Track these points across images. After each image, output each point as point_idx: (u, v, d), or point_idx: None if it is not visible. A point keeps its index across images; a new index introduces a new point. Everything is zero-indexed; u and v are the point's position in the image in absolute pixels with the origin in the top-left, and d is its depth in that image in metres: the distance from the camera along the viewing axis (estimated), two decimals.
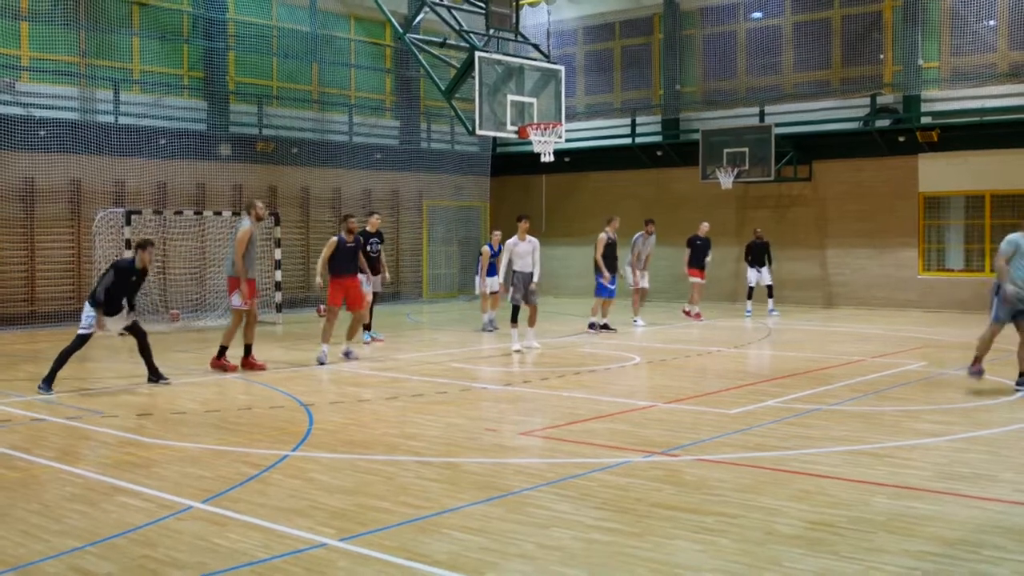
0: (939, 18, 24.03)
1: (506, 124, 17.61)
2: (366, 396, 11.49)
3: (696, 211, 26.17)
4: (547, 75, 18.73)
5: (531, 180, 29.56)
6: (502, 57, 18.13)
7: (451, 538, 6.04)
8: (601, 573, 5.44)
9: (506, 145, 28.88)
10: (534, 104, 18.15)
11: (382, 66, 28.73)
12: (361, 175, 26.42)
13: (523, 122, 17.82)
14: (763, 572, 5.43)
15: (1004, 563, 5.56)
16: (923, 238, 23.85)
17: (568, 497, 6.98)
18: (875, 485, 7.29)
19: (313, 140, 25.70)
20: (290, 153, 24.86)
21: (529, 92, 18.23)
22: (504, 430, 9.41)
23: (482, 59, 17.16)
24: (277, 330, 19.97)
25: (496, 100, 17.66)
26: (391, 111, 28.81)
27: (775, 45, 26.66)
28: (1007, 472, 7.73)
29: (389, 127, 28.50)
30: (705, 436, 9.10)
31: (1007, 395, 11.30)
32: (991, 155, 22.91)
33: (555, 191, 29.59)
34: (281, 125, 25.37)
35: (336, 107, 27.11)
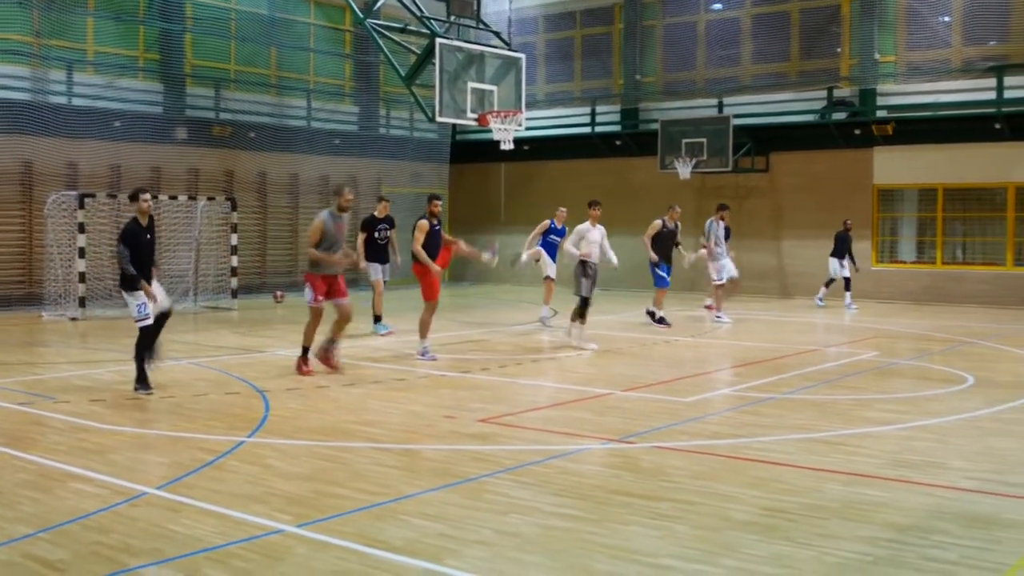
0: (895, 13, 24.27)
1: (466, 111, 17.61)
2: (324, 383, 11.45)
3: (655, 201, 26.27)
4: (508, 63, 18.74)
5: (490, 168, 29.53)
6: (463, 44, 18.11)
7: (409, 524, 6.05)
8: (558, 559, 5.47)
9: (466, 132, 28.85)
10: (494, 92, 18.16)
11: (341, 51, 28.55)
12: (319, 161, 26.26)
13: (483, 110, 17.83)
14: (718, 558, 5.48)
15: (953, 548, 5.66)
16: (876, 230, 24.12)
17: (526, 484, 7.01)
18: (828, 472, 7.38)
19: (271, 125, 25.49)
20: (247, 138, 24.65)
21: (489, 80, 18.23)
22: (462, 417, 9.42)
23: (442, 46, 17.14)
24: (233, 316, 19.83)
25: (456, 87, 17.65)
26: (350, 97, 28.66)
27: (734, 37, 26.80)
28: (956, 460, 7.86)
29: (348, 113, 28.35)
30: (661, 424, 9.17)
31: (956, 384, 11.48)
32: (944, 149, 23.21)
33: (514, 179, 29.59)
34: (238, 109, 25.14)
35: (294, 92, 26.91)
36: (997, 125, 22.33)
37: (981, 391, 11.08)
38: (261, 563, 5.37)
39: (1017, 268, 22.58)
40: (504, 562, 5.42)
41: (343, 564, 5.38)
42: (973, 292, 22.63)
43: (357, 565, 5.37)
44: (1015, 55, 23.12)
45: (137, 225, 10.74)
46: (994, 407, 10.10)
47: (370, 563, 5.40)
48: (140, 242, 10.70)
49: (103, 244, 20.42)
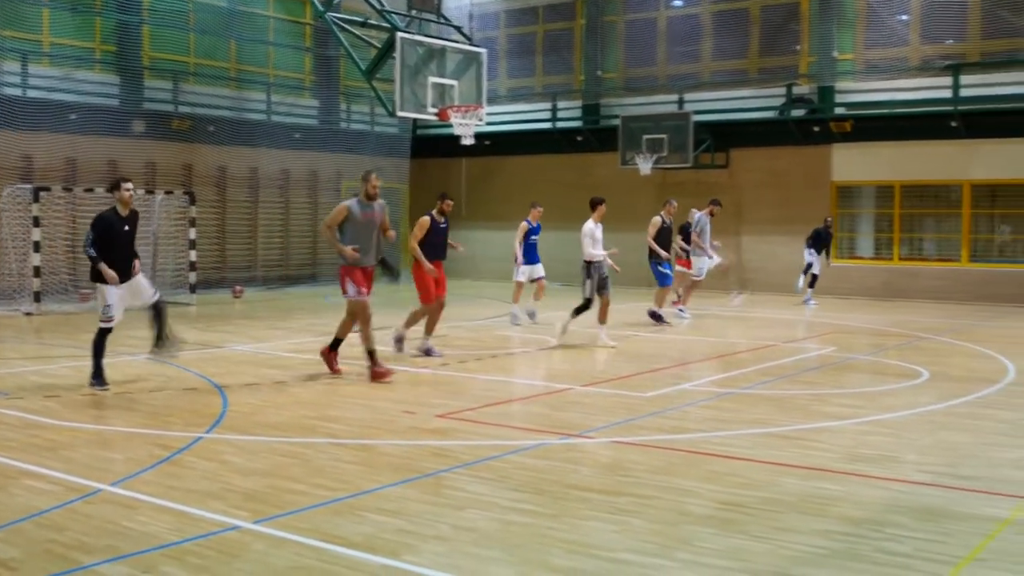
0: (854, 11, 24.48)
1: (427, 106, 17.57)
2: (282, 378, 11.39)
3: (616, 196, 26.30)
4: (469, 58, 18.72)
5: (451, 163, 29.49)
6: (423, 38, 18.07)
7: (367, 520, 6.03)
8: (516, 554, 5.48)
9: (426, 127, 28.79)
10: (455, 86, 18.13)
11: (301, 44, 28.39)
12: (279, 154, 26.10)
13: (444, 104, 17.79)
14: (675, 552, 5.51)
15: (907, 541, 5.73)
16: (835, 227, 24.31)
17: (484, 479, 7.01)
18: (785, 466, 7.44)
19: (230, 118, 25.28)
20: (206, 131, 24.41)
21: (450, 74, 18.19)
22: (422, 412, 9.41)
23: (403, 40, 17.09)
24: (191, 311, 19.68)
25: (417, 82, 17.61)
26: (310, 90, 28.50)
27: (695, 33, 26.92)
28: (910, 454, 7.95)
29: (308, 107, 28.18)
30: (620, 419, 9.20)
31: (911, 379, 11.61)
32: (901, 146, 23.45)
33: (475, 174, 29.57)
34: (197, 102, 24.92)
35: (254, 85, 26.73)
36: (953, 123, 22.58)
37: (935, 386, 11.21)
38: (217, 560, 5.34)
39: (972, 264, 22.87)
40: (462, 557, 5.42)
41: (300, 560, 5.36)
42: (929, 288, 22.88)
43: (315, 561, 5.35)
44: (971, 54, 23.42)
45: (114, 215, 10.44)
46: (948, 401, 10.23)
47: (328, 559, 5.38)
48: (114, 232, 10.36)
49: (58, 238, 20.22)
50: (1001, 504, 6.53)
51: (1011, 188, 22.76)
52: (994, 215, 23.22)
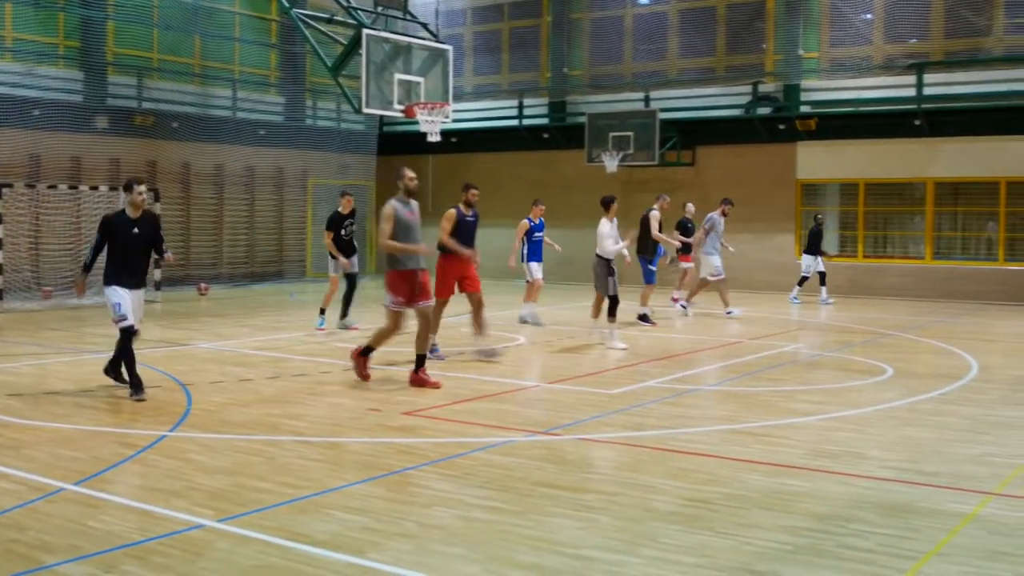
0: (819, 10, 24.65)
1: (393, 103, 17.53)
2: (248, 376, 11.32)
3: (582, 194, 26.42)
4: (435, 54, 18.69)
5: (418, 160, 29.36)
6: (390, 35, 18.02)
7: (332, 518, 6.01)
8: (481, 551, 5.47)
9: (393, 124, 28.73)
10: (421, 83, 18.10)
11: (267, 41, 28.23)
12: (244, 151, 25.95)
13: (410, 101, 17.75)
14: (640, 548, 5.53)
15: (871, 536, 5.77)
16: (800, 224, 24.47)
17: (450, 476, 7.00)
18: (751, 463, 7.48)
19: (195, 115, 25.10)
20: (171, 127, 24.24)
21: (417, 71, 18.16)
22: (388, 410, 9.38)
23: (369, 36, 17.04)
24: (156, 309, 19.51)
25: (383, 78, 17.57)
26: (276, 87, 28.34)
27: (661, 31, 27.00)
28: (874, 450, 8.01)
29: (274, 103, 28.04)
30: (587, 416, 9.21)
31: (876, 376, 11.70)
32: (865, 144, 23.64)
33: (442, 171, 29.49)
34: (162, 99, 24.73)
35: (219, 81, 26.55)
36: (917, 121, 22.78)
37: (900, 382, 11.30)
38: (181, 559, 5.30)
39: (936, 262, 23.08)
40: (427, 555, 5.41)
41: (265, 558, 5.33)
42: (894, 285, 23.08)
43: (279, 559, 5.32)
44: (934, 53, 23.64)
45: (122, 216, 9.79)
46: (912, 398, 10.31)
47: (293, 557, 5.35)
48: (120, 233, 9.66)
49: (21, 236, 20.01)
50: (964, 500, 6.59)
51: (973, 186, 23.00)
52: (957, 213, 23.44)
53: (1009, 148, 22.18)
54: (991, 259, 22.76)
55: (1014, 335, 16.45)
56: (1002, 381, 11.56)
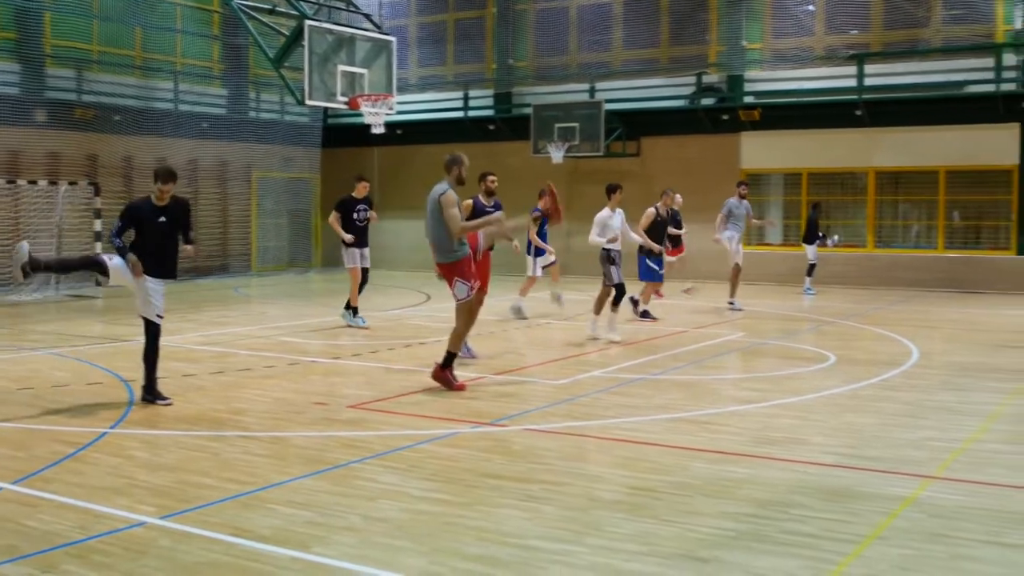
0: (761, 1, 24.84)
1: (336, 94, 17.43)
2: (191, 371, 11.21)
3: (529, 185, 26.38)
4: (379, 46, 18.60)
5: (363, 152, 29.26)
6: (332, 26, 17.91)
7: (277, 513, 5.97)
8: (427, 543, 5.47)
9: (337, 116, 28.54)
10: (365, 75, 18.01)
11: (209, 32, 27.91)
12: (187, 144, 25.63)
13: (354, 93, 17.65)
14: (585, 537, 5.55)
15: (811, 521, 5.84)
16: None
17: (396, 469, 6.98)
18: (694, 451, 7.54)
19: (136, 108, 24.76)
20: (111, 120, 23.90)
21: (360, 63, 18.06)
22: (333, 403, 9.33)
23: (312, 28, 16.91)
24: (98, 304, 19.26)
25: (326, 70, 17.46)
26: (219, 79, 28.04)
27: (606, 22, 27.07)
28: (816, 436, 8.10)
29: (216, 95, 27.73)
30: (532, 406, 9.23)
31: (818, 363, 11.84)
32: (808, 134, 23.89)
33: (388, 163, 29.37)
34: (102, 91, 24.36)
35: (161, 74, 26.21)
36: (858, 111, 23.06)
37: (842, 369, 11.46)
38: (123, 557, 5.23)
39: (877, 250, 23.40)
40: (372, 548, 5.39)
41: (208, 555, 5.28)
42: (836, 273, 23.34)
43: (223, 555, 5.28)
44: (874, 44, 23.95)
45: (147, 203, 9.19)
46: (853, 384, 10.45)
47: (236, 553, 5.31)
48: (145, 221, 9.09)
49: None
50: (903, 484, 6.69)
51: (913, 175, 23.37)
52: (898, 201, 23.78)
53: (947, 138, 22.53)
54: (931, 247, 23.11)
55: (953, 321, 16.72)
56: (942, 367, 11.76)
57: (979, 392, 10.15)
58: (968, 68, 22.86)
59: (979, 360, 12.32)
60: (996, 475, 6.92)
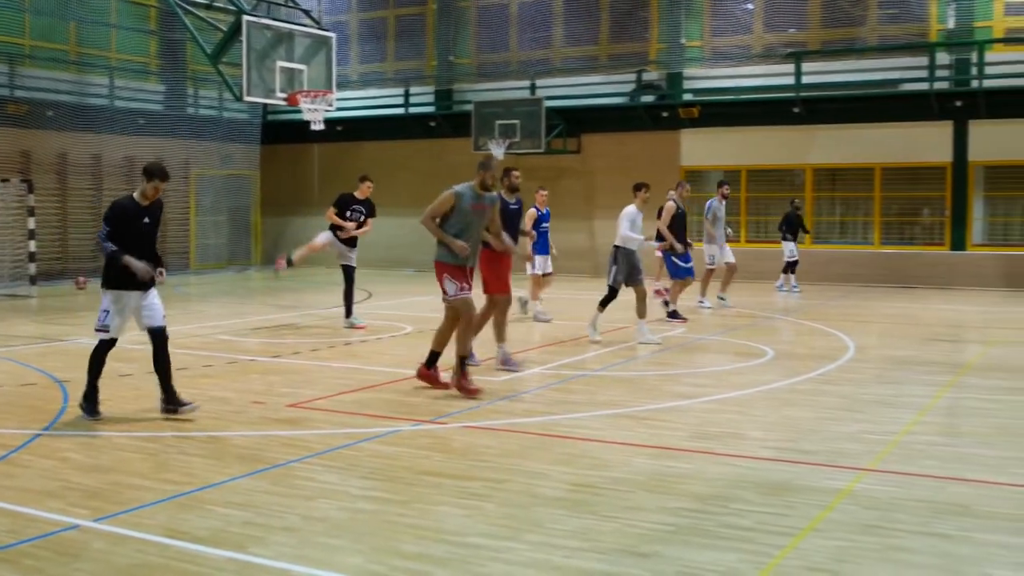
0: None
1: (275, 91, 17.28)
2: (127, 371, 11.03)
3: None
4: (318, 42, 18.46)
5: (303, 149, 29.07)
6: (271, 22, 17.75)
7: (214, 514, 5.90)
8: (366, 542, 5.43)
9: (277, 113, 28.30)
10: (304, 71, 17.87)
11: (146, 27, 27.52)
12: (123, 141, 25.25)
13: (293, 89, 17.51)
14: (525, 534, 5.55)
15: (750, 515, 5.89)
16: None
17: (335, 468, 6.93)
18: (635, 446, 7.57)
19: (71, 103, 24.34)
20: (45, 116, 23.48)
21: (299, 59, 17.92)
22: (271, 403, 9.24)
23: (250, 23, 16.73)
24: (31, 304, 18.92)
25: (265, 66, 17.31)
26: (155, 75, 27.66)
27: (547, 19, 27.11)
28: (755, 430, 8.18)
29: (153, 91, 27.36)
30: (474, 404, 9.21)
31: (757, 358, 11.95)
32: (747, 132, 24.13)
33: (328, 160, 29.19)
34: (35, 87, 23.94)
35: (96, 69, 25.79)
36: (796, 109, 23.33)
37: (780, 364, 11.58)
38: (55, 561, 5.14)
39: (815, 246, 23.67)
40: (311, 548, 5.34)
41: (143, 557, 5.20)
42: (775, 269, 23.54)
43: (158, 558, 5.20)
44: (812, 42, 24.24)
45: (131, 202, 8.51)
46: (791, 379, 10.57)
47: (172, 555, 5.24)
48: (131, 223, 8.46)
49: None
50: (839, 476, 6.77)
51: (849, 172, 23.71)
52: (835, 198, 24.09)
53: (883, 135, 22.89)
54: (867, 243, 23.45)
55: (889, 316, 16.97)
56: (877, 360, 11.92)
57: (913, 385, 10.31)
58: (903, 67, 23.23)
59: (913, 354, 12.53)
60: (929, 467, 7.03)
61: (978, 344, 13.70)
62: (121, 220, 8.43)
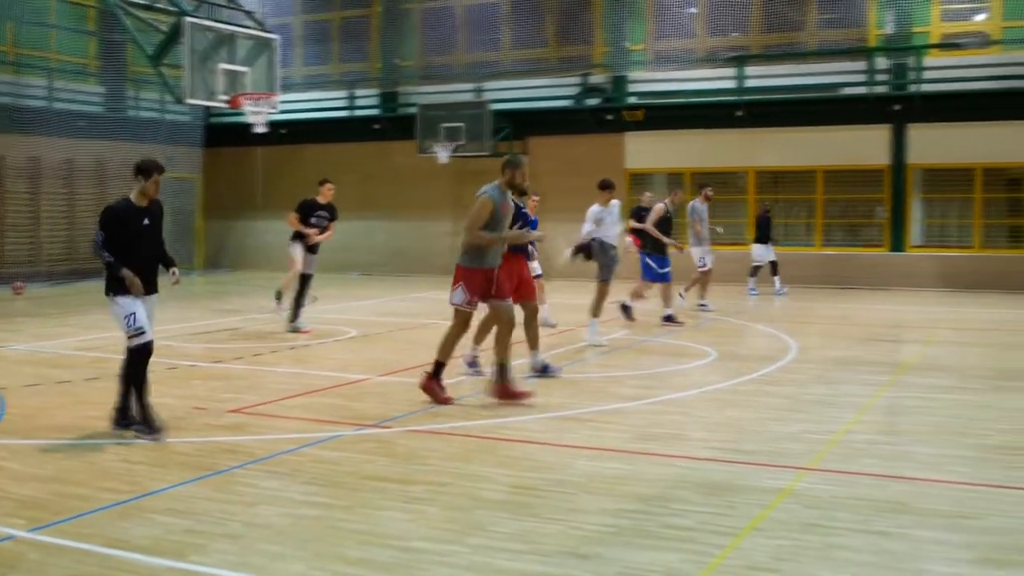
0: (644, 3, 25.20)
1: (217, 93, 17.12)
2: (67, 377, 10.88)
3: (416, 184, 26.53)
4: (261, 44, 18.34)
5: (247, 152, 28.81)
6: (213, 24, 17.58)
7: (154, 522, 5.83)
8: (308, 548, 5.40)
9: (220, 115, 28.01)
10: (247, 73, 17.74)
11: (85, 28, 27.14)
12: (62, 143, 24.87)
13: (235, 91, 17.37)
14: (468, 537, 5.55)
15: (690, 515, 5.94)
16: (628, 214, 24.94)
17: (278, 474, 6.88)
18: (578, 448, 7.60)
19: (8, 105, 23.89)
20: None
21: (242, 61, 17.78)
22: (213, 408, 9.16)
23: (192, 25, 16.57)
24: None
25: (207, 68, 17.16)
26: (95, 76, 27.28)
27: (492, 23, 27.13)
28: (697, 431, 8.25)
29: (93, 93, 26.98)
30: (418, 408, 9.19)
31: (701, 359, 12.05)
32: (691, 135, 24.34)
33: (272, 163, 28.98)
34: None
35: (34, 70, 25.35)
36: (739, 112, 23.57)
37: (723, 365, 11.69)
38: None
39: None
40: (252, 555, 5.30)
41: (80, 568, 5.13)
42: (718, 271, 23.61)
43: (96, 568, 5.13)
44: (754, 47, 24.49)
45: (127, 205, 8.10)
46: (734, 379, 10.67)
47: (111, 565, 5.17)
48: (128, 227, 8.06)
49: None
50: (780, 476, 6.85)
51: (791, 174, 24.00)
52: (778, 200, 24.34)
53: (824, 138, 23.21)
54: (809, 244, 23.75)
55: (830, 317, 17.19)
56: (819, 361, 12.07)
57: (853, 385, 10.46)
58: (843, 71, 23.56)
59: (853, 354, 12.70)
60: (869, 465, 7.13)
61: (916, 344, 13.92)
62: (116, 224, 8.04)
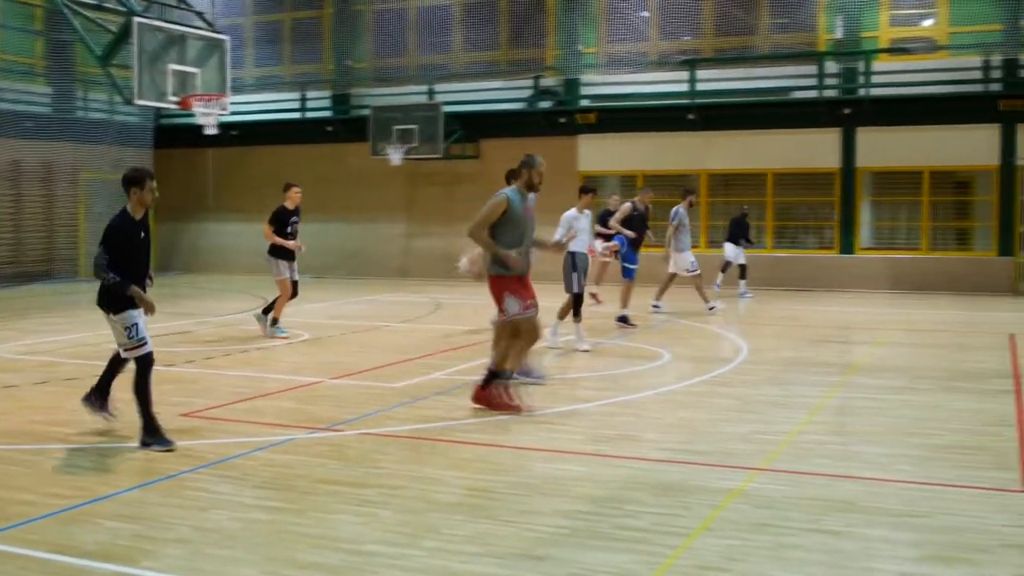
0: (597, 6, 25.28)
1: (167, 94, 16.96)
2: (13, 382, 10.72)
3: (369, 186, 26.45)
4: (212, 45, 18.19)
5: (197, 153, 28.55)
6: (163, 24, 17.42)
7: (102, 527, 5.75)
8: (260, 552, 5.35)
9: (170, 116, 27.75)
10: (198, 74, 17.59)
11: (32, 27, 26.75)
12: (9, 144, 24.49)
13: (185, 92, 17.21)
14: (422, 540, 5.53)
15: (644, 515, 5.96)
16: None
17: (229, 478, 6.82)
18: (532, 450, 7.60)
19: None
20: None
21: (192, 62, 17.63)
22: (164, 412, 8.99)
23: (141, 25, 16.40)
24: None
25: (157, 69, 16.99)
26: (43, 76, 26.90)
27: (445, 25, 27.10)
28: (650, 432, 8.28)
29: (41, 94, 26.60)
30: (371, 410, 9.15)
31: (654, 361, 12.10)
32: (643, 138, 24.46)
33: (223, 165, 28.75)
34: None
35: None
36: (691, 115, 23.72)
37: (676, 366, 11.75)
38: None
39: (710, 250, 24.04)
40: (203, 559, 5.25)
41: (24, 574, 5.05)
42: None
43: (42, 574, 5.05)
44: (706, 50, 24.67)
45: (127, 220, 7.94)
46: (687, 381, 10.74)
47: (57, 571, 5.10)
48: (132, 242, 7.94)
49: None
50: (731, 476, 6.89)
51: (743, 177, 24.18)
52: (729, 202, 24.51)
53: (775, 141, 23.43)
54: (760, 247, 23.92)
55: (780, 319, 17.35)
56: (770, 362, 12.17)
57: (803, 386, 10.55)
58: (794, 75, 23.79)
59: (804, 355, 12.82)
60: (819, 465, 7.20)
61: (866, 345, 14.07)
62: (122, 240, 7.89)
